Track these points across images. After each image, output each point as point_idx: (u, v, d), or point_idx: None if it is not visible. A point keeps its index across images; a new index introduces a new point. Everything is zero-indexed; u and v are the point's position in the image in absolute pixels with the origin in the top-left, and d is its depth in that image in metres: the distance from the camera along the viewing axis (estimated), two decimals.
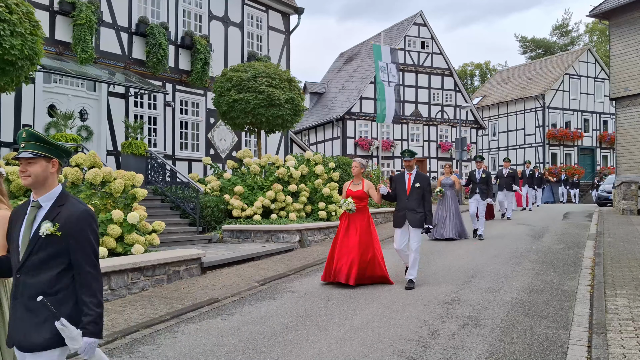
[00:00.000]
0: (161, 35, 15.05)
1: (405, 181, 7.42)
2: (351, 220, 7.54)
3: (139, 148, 12.93)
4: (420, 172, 7.44)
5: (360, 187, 7.62)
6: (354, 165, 7.68)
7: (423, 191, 7.30)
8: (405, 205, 7.31)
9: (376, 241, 7.54)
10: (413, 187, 7.30)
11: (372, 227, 7.60)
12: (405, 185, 7.39)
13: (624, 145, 18.45)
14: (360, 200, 7.52)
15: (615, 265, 8.29)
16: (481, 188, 12.23)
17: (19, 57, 7.79)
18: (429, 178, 7.37)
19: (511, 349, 4.74)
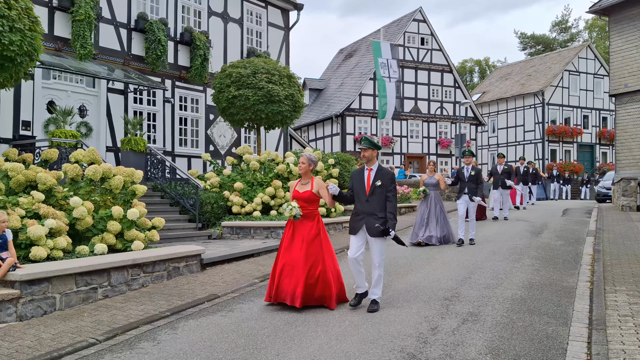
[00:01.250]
0: (160, 32, 15.01)
1: (364, 178, 6.11)
2: (297, 228, 6.20)
3: (138, 144, 12.92)
4: (383, 167, 6.16)
5: (309, 187, 6.24)
6: (301, 160, 6.34)
7: (386, 191, 6.00)
8: (364, 209, 6.04)
9: (328, 254, 6.23)
10: (374, 186, 6.00)
11: (323, 237, 6.26)
12: (365, 184, 6.09)
13: (624, 141, 18.45)
14: (309, 204, 6.21)
15: (614, 261, 8.30)
16: (470, 187, 10.76)
17: (17, 53, 7.77)
18: (393, 175, 6.12)
19: (511, 345, 4.75)
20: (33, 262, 6.56)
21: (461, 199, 10.86)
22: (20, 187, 7.89)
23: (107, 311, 6.11)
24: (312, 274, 6.04)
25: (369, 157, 6.10)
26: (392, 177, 6.12)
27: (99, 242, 7.80)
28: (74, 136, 11.77)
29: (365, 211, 6.03)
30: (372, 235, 5.93)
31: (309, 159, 6.35)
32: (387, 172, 6.12)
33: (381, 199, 6.00)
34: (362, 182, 6.13)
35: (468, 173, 10.87)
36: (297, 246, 6.14)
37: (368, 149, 6.09)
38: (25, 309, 5.77)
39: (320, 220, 6.33)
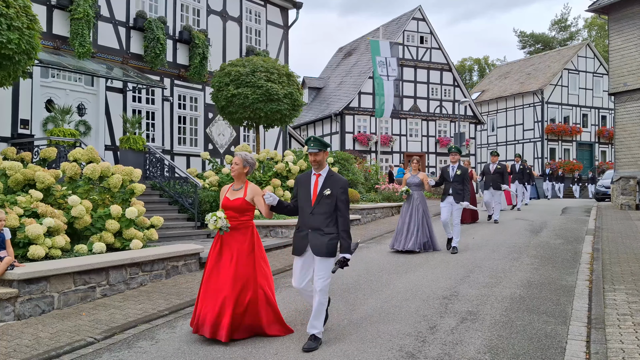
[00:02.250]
0: (159, 30, 14.99)
1: (310, 186, 4.96)
2: (225, 243, 5.13)
3: (137, 143, 12.90)
4: (333, 172, 5.02)
5: (241, 193, 5.13)
6: (234, 161, 5.25)
7: (336, 201, 4.87)
8: (308, 223, 4.93)
9: (261, 274, 5.16)
10: (321, 196, 4.87)
11: (259, 253, 5.20)
12: (310, 192, 4.94)
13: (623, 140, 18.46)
14: (240, 214, 5.11)
15: (613, 260, 8.30)
16: (455, 188, 9.66)
17: (16, 51, 7.75)
18: (345, 183, 4.97)
19: (510, 344, 4.74)
20: (31, 261, 6.54)
21: (445, 201, 9.75)
22: (18, 185, 7.88)
23: (105, 310, 6.11)
24: (242, 301, 4.97)
25: (320, 162, 4.95)
26: (345, 185, 4.96)
27: (97, 240, 7.79)
28: (72, 135, 11.75)
29: (309, 226, 4.92)
30: (318, 254, 4.83)
31: (244, 159, 5.21)
32: (339, 179, 4.97)
33: (329, 211, 4.87)
34: (307, 191, 4.98)
35: (453, 172, 9.77)
36: (224, 265, 5.05)
37: (319, 151, 4.92)
38: (24, 308, 5.75)
39: (255, 233, 5.23)
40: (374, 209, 15.14)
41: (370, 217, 14.88)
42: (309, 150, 4.96)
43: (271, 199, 5.00)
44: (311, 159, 4.98)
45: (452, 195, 9.64)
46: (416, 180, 9.95)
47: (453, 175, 9.74)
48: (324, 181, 4.95)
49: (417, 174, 10.03)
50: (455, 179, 9.71)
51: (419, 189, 9.95)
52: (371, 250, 10.05)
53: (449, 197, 9.72)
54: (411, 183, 10.00)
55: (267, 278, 5.21)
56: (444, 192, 9.84)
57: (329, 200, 4.87)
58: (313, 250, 4.89)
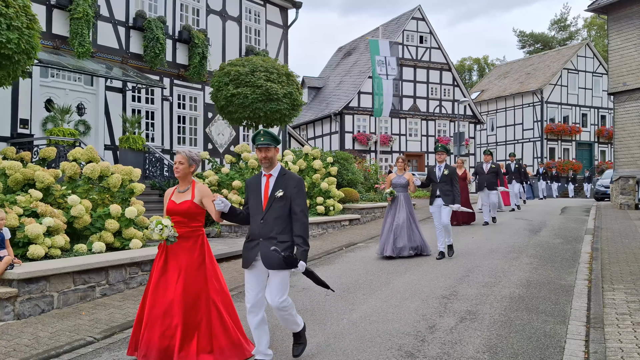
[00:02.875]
0: (159, 30, 14.99)
1: (260, 188, 4.29)
2: (171, 255, 4.43)
3: (136, 142, 12.91)
4: (287, 171, 4.33)
5: (189, 195, 4.47)
6: (177, 159, 4.57)
7: (291, 204, 4.21)
8: (259, 231, 4.24)
9: (214, 289, 4.45)
10: (273, 199, 4.20)
11: (210, 265, 4.49)
12: (261, 196, 4.28)
13: (622, 140, 18.47)
14: (189, 219, 4.44)
15: (612, 259, 8.31)
16: (443, 190, 8.92)
17: (15, 51, 7.75)
18: (300, 181, 4.28)
19: (509, 343, 4.75)
20: (31, 261, 6.55)
21: (434, 204, 9.03)
22: (18, 185, 7.88)
23: (105, 310, 6.11)
24: (192, 321, 4.33)
25: (271, 159, 4.25)
26: (299, 183, 4.25)
27: (97, 240, 7.79)
28: (72, 134, 11.75)
29: (260, 234, 4.21)
30: (270, 267, 4.14)
31: (189, 157, 4.54)
32: (292, 177, 4.28)
33: (283, 215, 4.19)
34: (257, 195, 4.29)
35: (440, 173, 9.02)
36: (171, 281, 4.37)
37: (270, 147, 4.22)
38: (23, 307, 5.76)
39: (205, 241, 4.56)
40: (374, 209, 15.15)
41: (370, 216, 14.90)
42: (257, 145, 4.24)
43: (222, 205, 4.25)
44: (261, 156, 4.23)
45: (440, 197, 8.91)
46: (402, 180, 9.35)
47: (440, 176, 9.00)
48: (276, 181, 4.25)
49: (402, 174, 9.43)
50: (442, 179, 8.96)
51: (405, 190, 9.37)
52: (370, 250, 10.05)
53: (437, 200, 8.97)
54: (397, 184, 9.37)
55: (220, 294, 4.51)
56: (432, 194, 9.15)
57: (282, 203, 4.18)
58: (264, 262, 4.16)
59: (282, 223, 4.20)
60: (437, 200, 8.98)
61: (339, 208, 13.60)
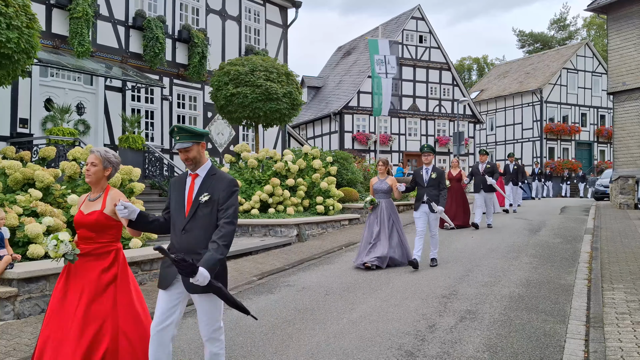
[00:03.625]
0: (158, 29, 14.99)
1: (184, 191, 3.52)
2: (73, 276, 3.69)
3: (136, 142, 12.90)
4: (217, 170, 3.53)
5: (99, 205, 3.69)
6: (90, 161, 3.76)
7: (218, 209, 3.41)
8: (180, 243, 3.48)
9: (126, 315, 3.66)
10: (197, 204, 3.41)
11: (123, 286, 3.71)
12: (184, 200, 3.50)
13: (621, 139, 18.48)
14: (99, 233, 3.66)
15: (612, 259, 8.32)
16: (430, 194, 8.14)
17: (15, 50, 7.75)
18: (232, 183, 3.45)
19: (509, 343, 4.76)
20: (31, 260, 6.55)
21: (420, 209, 8.24)
22: (17, 185, 7.88)
23: None
24: (94, 353, 3.52)
25: (195, 159, 3.46)
26: (231, 186, 3.44)
27: None
28: (71, 134, 11.75)
29: (181, 247, 3.43)
30: (193, 290, 3.31)
31: (105, 157, 3.73)
32: (224, 178, 3.47)
33: (210, 224, 3.39)
34: (180, 198, 3.51)
35: (428, 176, 8.25)
36: (70, 307, 3.60)
37: (193, 145, 3.44)
38: (23, 306, 5.76)
39: (120, 258, 3.75)
40: None
41: None
42: (176, 147, 3.50)
43: (125, 211, 3.45)
44: (182, 158, 3.49)
45: (427, 202, 8.13)
46: (384, 186, 8.50)
47: (427, 179, 8.22)
48: (202, 183, 3.46)
49: (384, 178, 8.58)
50: (430, 183, 8.18)
51: (388, 196, 8.56)
52: None
53: (423, 206, 8.19)
54: (378, 189, 8.54)
55: (136, 321, 3.68)
56: (417, 199, 8.32)
57: (208, 209, 3.39)
58: (185, 284, 3.33)
59: (208, 235, 3.36)
60: (423, 205, 8.18)
61: (339, 207, 13.60)
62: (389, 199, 8.61)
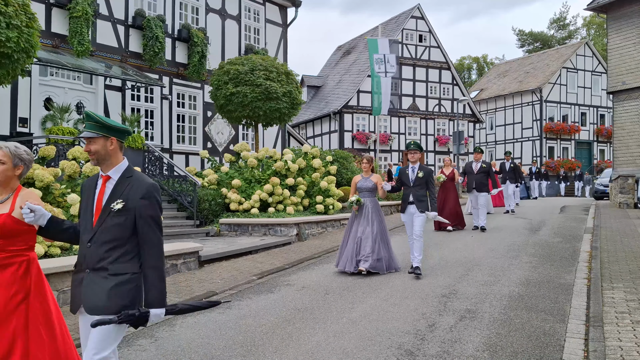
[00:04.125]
0: (158, 28, 14.98)
1: (94, 196, 2.96)
2: None
3: (135, 141, 12.89)
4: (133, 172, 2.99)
5: (7, 208, 3.14)
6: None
7: (135, 220, 2.87)
8: (84, 256, 2.94)
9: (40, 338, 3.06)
10: (107, 212, 2.87)
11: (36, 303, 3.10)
12: (93, 206, 2.95)
13: (621, 139, 18.48)
14: (7, 241, 3.06)
15: (612, 258, 8.32)
16: (417, 194, 7.65)
17: (14, 49, 7.75)
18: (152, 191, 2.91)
19: (508, 342, 4.76)
20: None
21: (407, 211, 7.75)
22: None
23: None
24: None
25: (99, 154, 2.89)
26: (151, 192, 2.87)
27: None
28: (71, 133, 11.75)
29: (86, 261, 2.89)
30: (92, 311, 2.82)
31: (15, 154, 3.17)
32: (141, 182, 2.90)
33: (122, 237, 2.84)
34: (88, 205, 2.94)
35: (414, 175, 7.73)
36: None
37: (100, 137, 2.87)
38: None
39: (33, 271, 3.13)
40: None
41: None
42: (81, 135, 2.99)
43: (31, 216, 2.95)
44: (84, 149, 2.96)
45: (414, 203, 7.63)
46: (369, 184, 8.07)
47: (414, 179, 7.71)
48: (115, 187, 2.90)
49: (369, 176, 8.15)
50: (416, 182, 7.69)
51: (372, 195, 8.11)
52: None
53: (410, 207, 7.70)
54: (362, 188, 8.09)
55: (49, 344, 3.08)
56: (403, 200, 7.83)
57: (121, 219, 2.83)
58: (85, 305, 2.85)
59: (118, 248, 2.83)
60: (409, 207, 7.70)
61: (339, 207, 13.61)
62: (373, 198, 8.14)
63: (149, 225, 2.87)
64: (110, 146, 2.92)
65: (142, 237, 2.87)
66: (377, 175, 8.25)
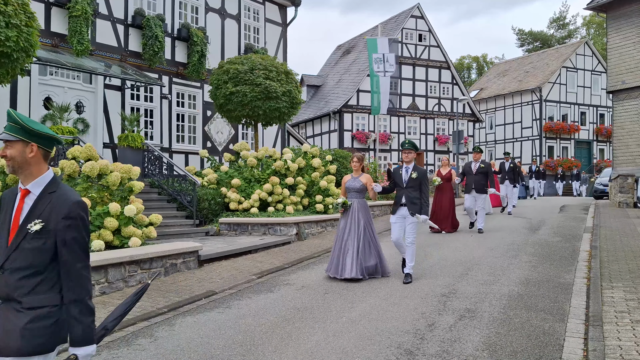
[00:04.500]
0: (157, 27, 14.96)
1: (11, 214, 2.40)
2: None
3: (135, 141, 12.89)
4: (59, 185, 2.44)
5: None
6: None
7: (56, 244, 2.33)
8: None
9: None
10: (24, 233, 2.32)
11: None
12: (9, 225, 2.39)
13: (621, 138, 18.48)
14: None
15: (611, 257, 8.32)
16: (410, 196, 7.20)
17: (14, 49, 7.73)
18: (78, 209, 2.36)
19: (508, 341, 4.76)
20: None
21: (397, 214, 7.32)
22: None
23: (104, 308, 6.11)
24: None
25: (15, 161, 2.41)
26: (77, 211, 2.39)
27: (96, 238, 7.79)
28: (70, 132, 11.74)
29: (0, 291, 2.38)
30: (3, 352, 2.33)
31: None
32: (67, 199, 2.40)
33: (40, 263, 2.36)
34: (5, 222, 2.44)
35: (407, 175, 7.28)
36: None
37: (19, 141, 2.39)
38: None
39: None
40: (372, 207, 15.16)
41: None
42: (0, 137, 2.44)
43: None
44: (2, 154, 2.44)
45: (406, 205, 7.20)
46: (357, 184, 7.62)
47: (407, 180, 7.25)
48: (35, 204, 2.41)
49: (359, 175, 7.70)
50: (409, 183, 7.22)
51: (361, 196, 7.65)
52: None
53: (401, 209, 7.24)
54: (351, 188, 7.65)
55: None
56: (395, 202, 7.39)
57: (39, 241, 2.35)
58: None
59: (35, 275, 2.35)
60: (401, 209, 7.25)
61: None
62: (362, 199, 7.68)
63: (73, 251, 2.36)
64: (30, 153, 2.40)
65: (63, 264, 2.36)
66: (368, 176, 7.74)
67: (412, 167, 7.33)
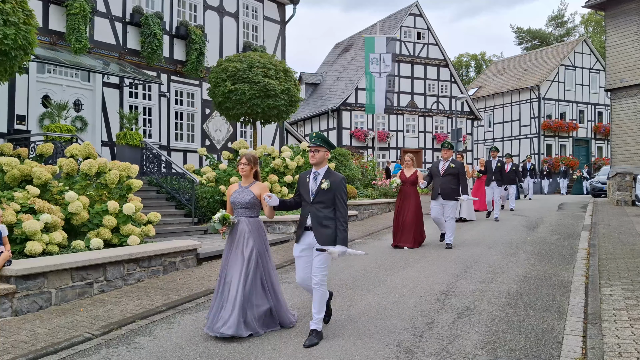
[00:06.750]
0: (156, 25, 14.94)
1: None
2: None
3: (133, 139, 12.87)
4: None
5: None
6: None
7: None
8: None
9: None
10: None
11: None
12: None
13: (619, 136, 18.50)
14: None
15: (609, 255, 8.33)
16: (318, 216, 4.96)
17: (12, 46, 7.71)
18: None
19: (507, 339, 4.77)
20: (28, 257, 6.54)
21: (301, 242, 5.07)
22: (15, 181, 7.86)
23: (103, 306, 6.11)
24: None
25: None
26: None
27: (94, 237, 7.78)
28: (69, 130, 11.71)
29: None
30: None
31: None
32: None
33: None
34: None
35: (316, 185, 5.07)
36: None
37: None
38: (21, 303, 5.75)
39: None
40: (371, 205, 15.16)
41: (367, 212, 14.91)
42: None
43: None
44: None
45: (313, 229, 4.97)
46: (246, 197, 5.26)
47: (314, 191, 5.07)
48: None
49: (249, 185, 5.33)
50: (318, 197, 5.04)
51: (252, 214, 5.31)
52: (368, 246, 10.06)
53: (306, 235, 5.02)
54: (236, 202, 5.28)
55: None
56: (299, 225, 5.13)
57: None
58: None
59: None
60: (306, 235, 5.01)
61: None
62: (254, 219, 5.29)
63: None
64: None
65: None
66: (262, 184, 5.37)
67: (324, 172, 5.08)
